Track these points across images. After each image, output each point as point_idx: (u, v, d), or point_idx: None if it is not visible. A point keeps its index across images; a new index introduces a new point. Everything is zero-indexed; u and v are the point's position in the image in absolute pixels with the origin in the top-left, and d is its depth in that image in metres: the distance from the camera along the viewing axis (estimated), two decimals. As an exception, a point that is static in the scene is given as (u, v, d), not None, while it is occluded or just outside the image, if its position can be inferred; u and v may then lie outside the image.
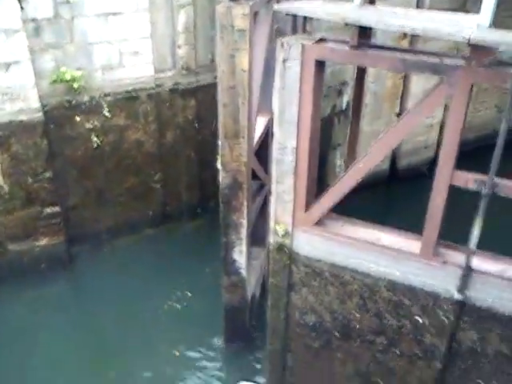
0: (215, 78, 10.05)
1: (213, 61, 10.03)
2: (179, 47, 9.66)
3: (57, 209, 9.56)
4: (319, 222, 5.64)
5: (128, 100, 9.66)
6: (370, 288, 5.71)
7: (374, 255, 5.58)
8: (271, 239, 5.82)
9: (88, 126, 9.47)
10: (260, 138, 7.62)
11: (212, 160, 10.64)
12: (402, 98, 11.43)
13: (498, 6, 4.58)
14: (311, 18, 7.42)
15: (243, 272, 7.61)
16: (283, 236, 5.67)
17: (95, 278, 9.73)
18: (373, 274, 5.65)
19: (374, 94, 11.04)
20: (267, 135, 7.82)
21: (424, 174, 11.77)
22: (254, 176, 7.57)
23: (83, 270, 9.85)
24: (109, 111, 9.53)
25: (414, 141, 11.60)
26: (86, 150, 9.63)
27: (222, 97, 6.44)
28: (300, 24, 8.03)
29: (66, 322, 9.04)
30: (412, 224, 6.02)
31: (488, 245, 5.62)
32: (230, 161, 6.82)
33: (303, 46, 4.84)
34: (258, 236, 8.17)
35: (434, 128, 11.91)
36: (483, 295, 5.45)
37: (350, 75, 10.30)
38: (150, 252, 10.16)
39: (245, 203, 7.08)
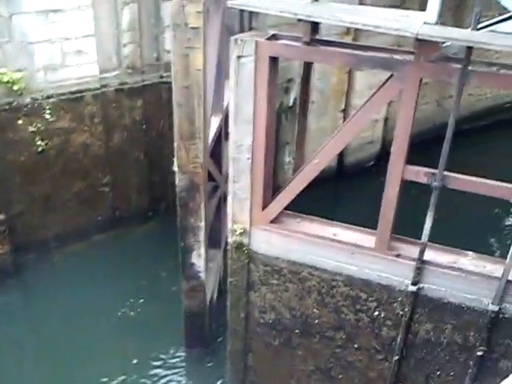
0: (161, 77, 10.00)
1: (158, 59, 9.93)
2: (124, 46, 9.49)
3: (0, 217, 9.23)
4: (276, 220, 5.70)
5: (72, 101, 9.40)
6: (328, 283, 5.80)
7: (330, 251, 5.68)
8: (229, 238, 5.82)
9: (31, 129, 9.16)
10: (213, 138, 7.58)
11: (161, 161, 10.64)
12: (347, 94, 11.62)
13: (443, 4, 4.79)
14: (257, 15, 7.53)
15: (202, 276, 7.51)
16: (241, 235, 5.69)
17: (43, 288, 9.42)
18: (330, 269, 5.74)
19: (320, 91, 11.18)
20: (220, 135, 7.78)
21: (370, 168, 12.09)
22: (209, 177, 7.49)
23: (30, 279, 9.52)
24: (52, 113, 9.26)
25: (359, 137, 11.71)
26: (30, 154, 9.31)
27: (176, 97, 6.35)
28: (246, 21, 8.11)
29: (13, 334, 8.72)
30: (362, 219, 6.14)
31: (442, 238, 5.85)
32: (187, 163, 6.72)
33: (257, 42, 4.88)
34: (213, 238, 8.08)
35: (378, 123, 12.19)
36: (436, 286, 5.66)
37: (297, 72, 10.41)
38: (100, 258, 9.92)
39: (202, 205, 6.98)
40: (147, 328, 8.86)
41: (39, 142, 9.30)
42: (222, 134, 7.80)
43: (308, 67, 6.19)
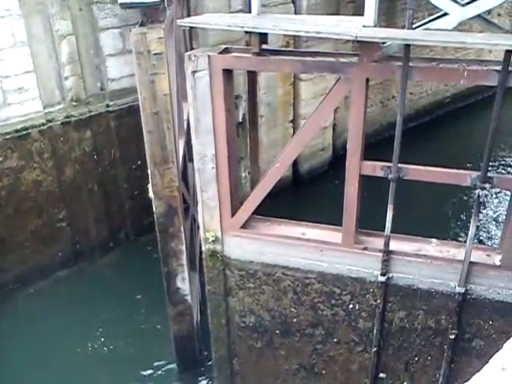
0: (107, 105, 10.35)
1: (102, 89, 10.25)
2: (66, 79, 9.78)
3: (-43, 263, 9.25)
4: (246, 225, 6.05)
5: (19, 139, 9.58)
6: (302, 282, 6.17)
7: (301, 250, 6.07)
8: (203, 247, 6.14)
9: (-22, 171, 9.28)
10: (182, 159, 7.77)
11: (116, 190, 10.86)
12: (294, 105, 12.21)
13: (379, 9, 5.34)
14: (197, 37, 7.95)
15: (188, 299, 7.64)
16: (214, 242, 6.01)
17: (9, 331, 9.37)
18: (302, 267, 6.12)
19: (267, 104, 11.72)
20: (185, 156, 8.04)
21: (324, 174, 12.67)
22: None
23: (-6, 324, 9.49)
24: (-1, 153, 9.39)
25: (310, 145, 12.25)
26: (-20, 197, 9.39)
27: (146, 124, 6.53)
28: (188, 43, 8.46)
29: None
30: (323, 222, 6.48)
31: (407, 228, 6.29)
32: (162, 188, 6.86)
33: (209, 56, 5.29)
34: (192, 260, 8.25)
35: (327, 130, 12.82)
36: (404, 275, 6.06)
37: (242, 89, 10.91)
38: (65, 295, 10.01)
39: (182, 229, 7.15)
40: (131, 358, 8.93)
41: (-12, 184, 9.37)
42: (186, 155, 8.06)
43: (253, 82, 6.53)
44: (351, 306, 6.33)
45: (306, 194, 12.22)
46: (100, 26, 9.90)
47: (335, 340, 6.49)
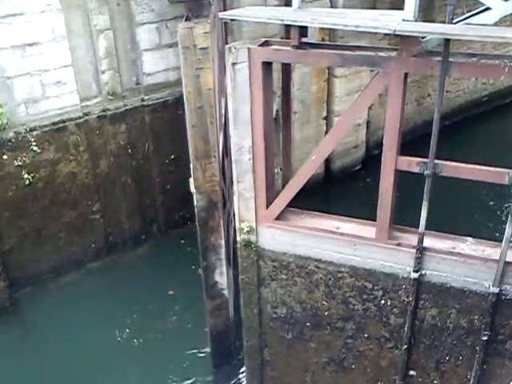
0: (142, 100, 10.59)
1: (138, 83, 10.51)
2: (103, 72, 10.05)
3: (-7, 253, 9.51)
4: (281, 217, 6.19)
5: (56, 132, 9.88)
6: (334, 275, 6.28)
7: (334, 243, 6.17)
8: (238, 237, 6.31)
9: (17, 163, 9.59)
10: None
11: (149, 184, 11.10)
12: (327, 101, 12.30)
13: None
14: (232, 32, 8.04)
15: (226, 293, 7.78)
16: (248, 233, 6.18)
17: (42, 321, 9.68)
18: (335, 261, 6.23)
19: (300, 100, 11.83)
20: (223, 152, 8.06)
21: (357, 172, 12.71)
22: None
23: (28, 313, 9.81)
24: (37, 146, 9.71)
25: (343, 142, 12.34)
26: (18, 188, 9.72)
27: (190, 118, 6.69)
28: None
29: (15, 370, 8.95)
30: None
31: (443, 225, 6.33)
32: (204, 182, 7.00)
33: (249, 49, 5.45)
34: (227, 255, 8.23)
35: (361, 128, 12.87)
36: (437, 272, 6.10)
37: (276, 85, 11.03)
38: (97, 286, 10.26)
39: (221, 223, 7.29)
40: (165, 350, 9.10)
41: (26, 176, 9.72)
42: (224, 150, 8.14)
43: (287, 79, 6.65)
44: (383, 301, 6.38)
45: (337, 192, 12.28)
46: (137, 21, 10.14)
47: (366, 335, 6.56)
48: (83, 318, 9.66)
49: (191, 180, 7.05)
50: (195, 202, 7.16)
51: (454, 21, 5.22)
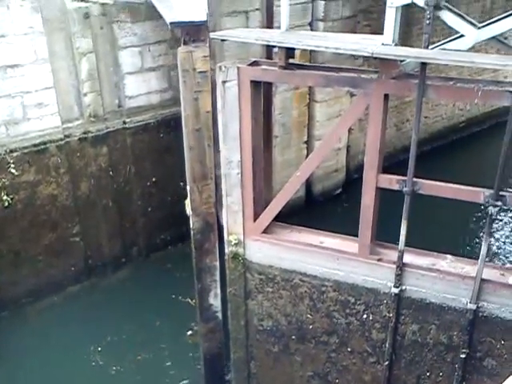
0: (124, 122, 10.88)
1: (120, 106, 10.81)
2: (85, 95, 10.30)
3: (-30, 276, 9.56)
4: (268, 230, 6.58)
5: (36, 154, 10.04)
6: (318, 289, 6.64)
7: (318, 257, 6.56)
8: (226, 249, 6.69)
9: (-5, 184, 9.68)
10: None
11: (130, 207, 11.37)
12: (308, 126, 12.79)
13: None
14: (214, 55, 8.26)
15: (219, 315, 7.80)
16: (236, 245, 6.56)
17: (19, 346, 9.68)
18: (319, 275, 6.60)
19: (282, 124, 12.26)
20: None
21: (337, 196, 13.19)
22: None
23: (4, 338, 9.76)
24: (17, 167, 9.87)
25: (323, 166, 12.79)
26: (-4, 209, 9.79)
27: (188, 140, 6.87)
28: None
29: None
30: None
31: (422, 242, 6.68)
32: (200, 204, 7.13)
33: (238, 68, 5.93)
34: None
35: (341, 151, 13.42)
36: (417, 288, 6.43)
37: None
38: (76, 310, 10.32)
39: (216, 245, 7.39)
40: (142, 379, 9.16)
41: (5, 197, 9.82)
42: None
43: (268, 103, 6.89)
44: (365, 316, 6.71)
45: (318, 215, 12.62)
46: (120, 45, 10.48)
47: (349, 349, 6.88)
48: (61, 343, 9.71)
49: (187, 202, 7.22)
50: (191, 224, 7.28)
51: (431, 47, 5.71)
